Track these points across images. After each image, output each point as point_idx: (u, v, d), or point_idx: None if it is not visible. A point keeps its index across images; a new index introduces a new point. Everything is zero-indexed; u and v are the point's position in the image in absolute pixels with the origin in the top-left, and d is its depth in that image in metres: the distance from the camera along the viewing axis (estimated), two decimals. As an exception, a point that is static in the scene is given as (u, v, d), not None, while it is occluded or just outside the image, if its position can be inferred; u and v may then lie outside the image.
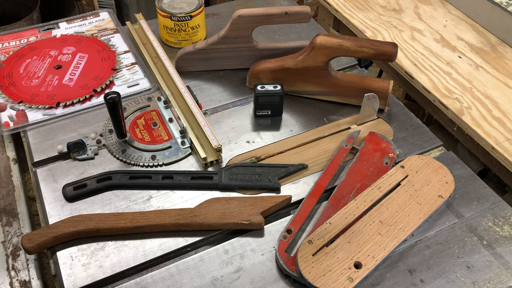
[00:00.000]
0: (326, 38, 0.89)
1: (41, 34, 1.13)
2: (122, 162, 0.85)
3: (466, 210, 0.79)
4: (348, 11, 1.23)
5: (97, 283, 0.70)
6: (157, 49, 1.04)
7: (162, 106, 0.95)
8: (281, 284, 0.70)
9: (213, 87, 1.02)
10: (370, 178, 0.81)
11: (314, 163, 0.86)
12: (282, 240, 0.73)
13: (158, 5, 1.06)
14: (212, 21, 1.20)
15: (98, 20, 1.18)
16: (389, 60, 0.89)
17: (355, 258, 0.69)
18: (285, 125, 0.94)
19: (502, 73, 1.05)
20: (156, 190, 0.81)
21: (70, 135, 0.90)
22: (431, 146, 0.90)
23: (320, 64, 0.92)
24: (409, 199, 0.77)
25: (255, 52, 1.01)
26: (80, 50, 1.07)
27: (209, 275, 0.71)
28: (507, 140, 0.90)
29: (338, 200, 0.78)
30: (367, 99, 0.90)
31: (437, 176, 0.81)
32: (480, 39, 1.14)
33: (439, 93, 1.00)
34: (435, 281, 0.70)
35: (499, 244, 0.75)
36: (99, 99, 0.97)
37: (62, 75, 1.01)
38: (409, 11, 1.23)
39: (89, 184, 0.81)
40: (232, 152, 0.88)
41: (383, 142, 0.87)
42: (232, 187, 0.81)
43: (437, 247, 0.74)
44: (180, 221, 0.75)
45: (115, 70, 1.03)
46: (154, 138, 0.89)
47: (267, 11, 0.94)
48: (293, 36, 1.15)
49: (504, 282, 0.70)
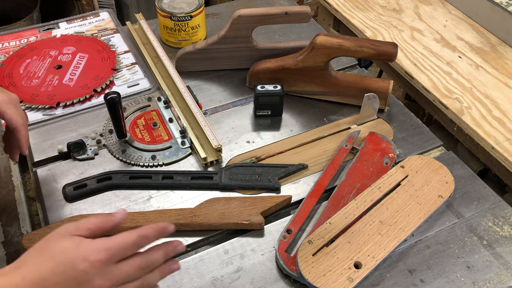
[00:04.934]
0: (326, 38, 0.89)
1: (41, 34, 1.13)
2: (122, 162, 0.85)
3: (466, 210, 0.79)
4: (348, 11, 1.23)
5: (97, 283, 0.70)
6: (157, 49, 1.04)
7: (162, 106, 0.95)
8: (281, 284, 0.70)
9: (213, 87, 1.02)
10: (370, 178, 0.81)
11: (314, 163, 0.86)
12: (282, 240, 0.73)
13: (158, 5, 1.06)
14: (212, 21, 1.20)
15: (98, 20, 1.18)
16: (389, 60, 0.89)
17: (355, 258, 0.69)
18: (285, 125, 0.94)
19: (502, 73, 1.05)
20: (156, 190, 0.81)
21: (70, 135, 0.90)
22: (431, 146, 0.90)
23: (320, 64, 0.92)
24: (409, 199, 0.77)
25: (255, 52, 1.01)
26: (80, 50, 1.07)
27: (209, 275, 0.71)
28: (507, 140, 0.90)
29: (338, 200, 0.78)
30: (367, 99, 0.90)
31: (437, 176, 0.81)
32: (480, 39, 1.14)
33: (439, 93, 1.00)
34: (435, 281, 0.70)
35: (499, 244, 0.75)
36: (99, 99, 0.97)
37: (62, 75, 1.01)
38: (409, 11, 1.23)
39: (89, 184, 0.81)
40: (232, 152, 0.88)
41: (383, 142, 0.87)
42: (232, 187, 0.81)
43: (437, 247, 0.74)
44: (180, 221, 0.75)
45: (115, 70, 1.03)
46: (154, 138, 0.89)
47: (267, 11, 0.94)
48: (293, 36, 1.15)
49: (504, 282, 0.70)
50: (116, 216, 0.55)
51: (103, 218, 0.54)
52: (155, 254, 0.55)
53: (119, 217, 0.55)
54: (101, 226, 0.54)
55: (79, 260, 0.49)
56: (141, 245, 0.54)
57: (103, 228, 0.54)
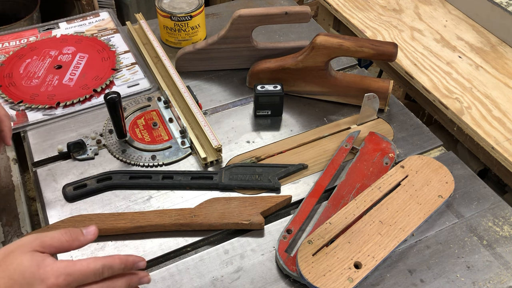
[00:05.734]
0: (326, 38, 0.89)
1: (41, 34, 1.13)
2: (122, 162, 0.85)
3: (466, 210, 0.79)
4: (348, 11, 1.23)
5: (97, 283, 0.70)
6: (157, 49, 1.04)
7: (162, 106, 0.95)
8: (281, 284, 0.70)
9: (213, 87, 1.02)
10: (370, 178, 0.81)
11: (314, 163, 0.86)
12: (282, 240, 0.73)
13: (158, 5, 1.06)
14: (212, 21, 1.20)
15: (98, 20, 1.18)
16: (389, 60, 0.89)
17: (355, 258, 0.69)
18: (285, 125, 0.94)
19: (502, 73, 1.05)
20: (156, 190, 0.81)
21: (70, 135, 0.90)
22: (431, 146, 0.90)
23: (320, 64, 0.92)
24: (409, 199, 0.77)
25: (255, 52, 1.01)
26: (80, 50, 1.07)
27: (209, 275, 0.71)
28: (507, 140, 0.90)
29: (338, 200, 0.78)
30: (367, 99, 0.90)
31: (437, 176, 0.81)
32: (480, 39, 1.14)
33: (439, 93, 1.00)
34: (435, 281, 0.70)
35: (499, 244, 0.75)
36: (99, 99, 0.97)
37: (62, 75, 1.01)
38: (409, 11, 1.23)
39: (89, 184, 0.81)
40: (232, 152, 0.88)
41: (383, 142, 0.87)
42: (232, 187, 0.81)
43: (437, 247, 0.74)
44: (180, 221, 0.75)
45: (115, 70, 1.03)
46: (154, 138, 0.89)
47: (267, 11, 0.94)
48: (293, 36, 1.15)
49: (504, 282, 0.70)
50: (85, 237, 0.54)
51: (70, 237, 0.53)
52: (117, 283, 0.53)
53: (88, 238, 0.54)
54: (67, 245, 0.53)
55: (37, 282, 0.48)
56: (103, 274, 0.52)
57: (68, 248, 0.53)
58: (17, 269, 0.49)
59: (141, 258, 0.55)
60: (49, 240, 0.52)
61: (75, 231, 0.54)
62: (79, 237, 0.53)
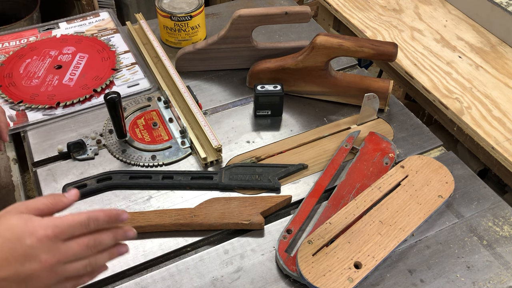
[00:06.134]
0: (326, 38, 0.89)
1: (41, 34, 1.13)
2: (122, 162, 0.85)
3: (466, 210, 0.79)
4: (348, 11, 1.23)
5: (97, 283, 0.70)
6: (157, 49, 1.04)
7: (162, 106, 0.95)
8: (281, 284, 0.70)
9: (213, 87, 1.02)
10: (370, 178, 0.81)
11: (314, 163, 0.86)
12: (282, 240, 0.73)
13: (158, 5, 1.06)
14: (212, 21, 1.20)
15: (98, 20, 1.18)
16: (389, 60, 0.89)
17: (355, 258, 0.69)
18: (285, 125, 0.94)
19: (502, 73, 1.05)
20: (156, 190, 0.81)
21: (70, 135, 0.90)
22: (431, 146, 0.90)
23: (320, 64, 0.92)
24: (409, 199, 0.77)
25: (255, 52, 1.01)
26: (80, 50, 1.07)
27: (209, 275, 0.71)
28: (507, 140, 0.90)
29: (338, 200, 0.78)
30: (367, 99, 0.90)
31: (437, 176, 0.81)
32: (480, 39, 1.14)
33: (439, 93, 1.00)
34: (435, 281, 0.70)
35: (499, 244, 0.75)
36: (99, 99, 0.97)
37: (62, 75, 1.01)
38: (409, 11, 1.23)
39: (89, 184, 0.81)
40: (232, 152, 0.88)
41: (383, 142, 0.87)
42: (232, 187, 0.81)
43: (437, 247, 0.74)
44: (180, 221, 0.75)
45: (115, 70, 1.03)
46: (154, 138, 0.89)
47: (267, 11, 0.94)
48: (293, 36, 1.15)
49: (504, 282, 0.70)
50: (67, 198, 0.56)
51: (53, 199, 0.55)
52: (104, 236, 0.55)
53: (70, 199, 0.56)
54: (51, 207, 0.55)
55: (26, 235, 0.50)
56: (89, 226, 0.54)
57: (53, 208, 0.55)
58: (6, 228, 0.51)
59: (123, 211, 0.57)
60: (33, 204, 0.54)
61: (58, 194, 0.56)
62: (62, 198, 0.56)
